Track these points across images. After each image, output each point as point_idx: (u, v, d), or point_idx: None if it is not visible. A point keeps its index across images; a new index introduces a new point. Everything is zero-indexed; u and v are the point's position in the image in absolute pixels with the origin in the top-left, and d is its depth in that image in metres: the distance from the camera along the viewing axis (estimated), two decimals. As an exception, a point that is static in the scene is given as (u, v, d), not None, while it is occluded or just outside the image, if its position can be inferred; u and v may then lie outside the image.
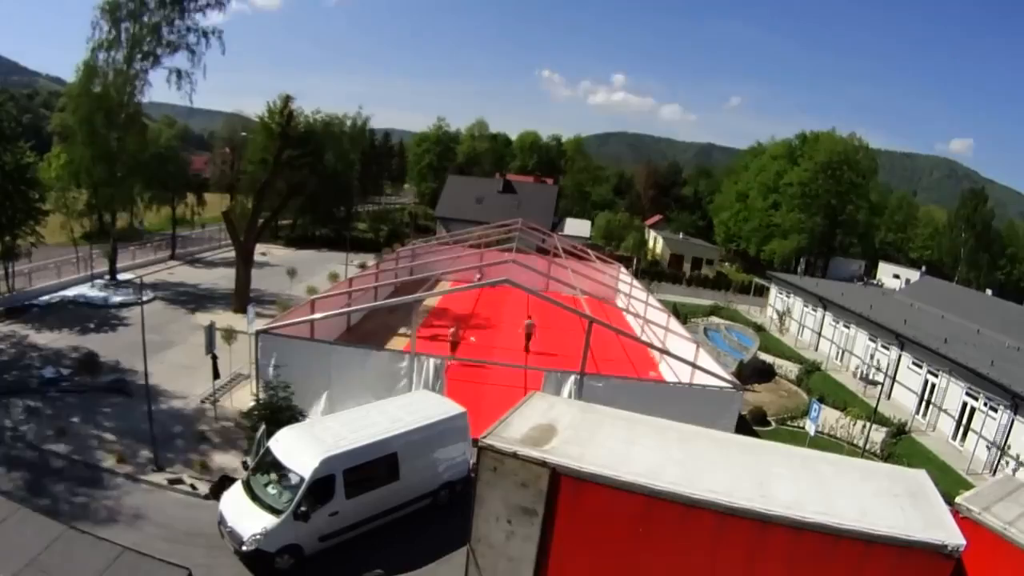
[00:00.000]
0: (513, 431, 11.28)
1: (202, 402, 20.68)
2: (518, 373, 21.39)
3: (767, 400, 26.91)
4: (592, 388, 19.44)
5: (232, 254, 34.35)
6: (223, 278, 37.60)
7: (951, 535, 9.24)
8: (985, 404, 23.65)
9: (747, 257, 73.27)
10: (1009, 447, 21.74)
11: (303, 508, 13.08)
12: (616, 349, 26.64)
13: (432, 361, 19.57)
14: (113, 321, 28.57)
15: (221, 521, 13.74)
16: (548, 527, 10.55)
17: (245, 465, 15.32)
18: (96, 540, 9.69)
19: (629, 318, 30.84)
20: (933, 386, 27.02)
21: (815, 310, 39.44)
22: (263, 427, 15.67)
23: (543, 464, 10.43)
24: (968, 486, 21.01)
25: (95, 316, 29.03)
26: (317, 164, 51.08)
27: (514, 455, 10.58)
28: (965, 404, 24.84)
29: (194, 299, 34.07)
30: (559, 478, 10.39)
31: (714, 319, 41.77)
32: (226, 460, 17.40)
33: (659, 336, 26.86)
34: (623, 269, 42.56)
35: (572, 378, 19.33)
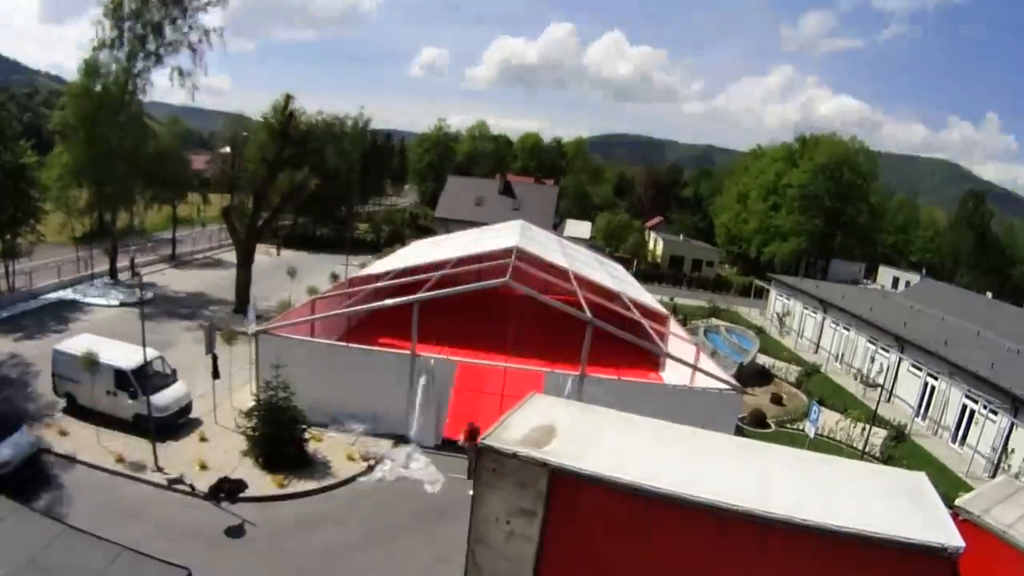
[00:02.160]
0: (512, 432, 11.27)
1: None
2: (518, 374, 21.35)
3: (766, 403, 26.92)
4: (592, 390, 19.45)
5: (229, 255, 34.37)
6: (223, 278, 37.60)
7: (950, 537, 9.23)
8: (985, 407, 23.63)
9: (747, 260, 73.20)
10: (1012, 451, 21.70)
11: None
12: (616, 350, 26.58)
13: (432, 361, 19.61)
14: (97, 322, 28.49)
15: None
16: (547, 528, 10.56)
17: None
18: (95, 539, 9.68)
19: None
20: (933, 389, 27.00)
21: (815, 312, 39.43)
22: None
23: (543, 465, 10.42)
24: (968, 489, 20.99)
25: (77, 318, 28.78)
26: (318, 164, 51.07)
27: (514, 456, 10.58)
28: (965, 407, 24.81)
29: (193, 299, 34.11)
30: (558, 479, 10.40)
31: (714, 321, 41.78)
32: (225, 460, 17.41)
33: (659, 338, 26.80)
34: (623, 270, 42.54)
35: (572, 379, 19.36)
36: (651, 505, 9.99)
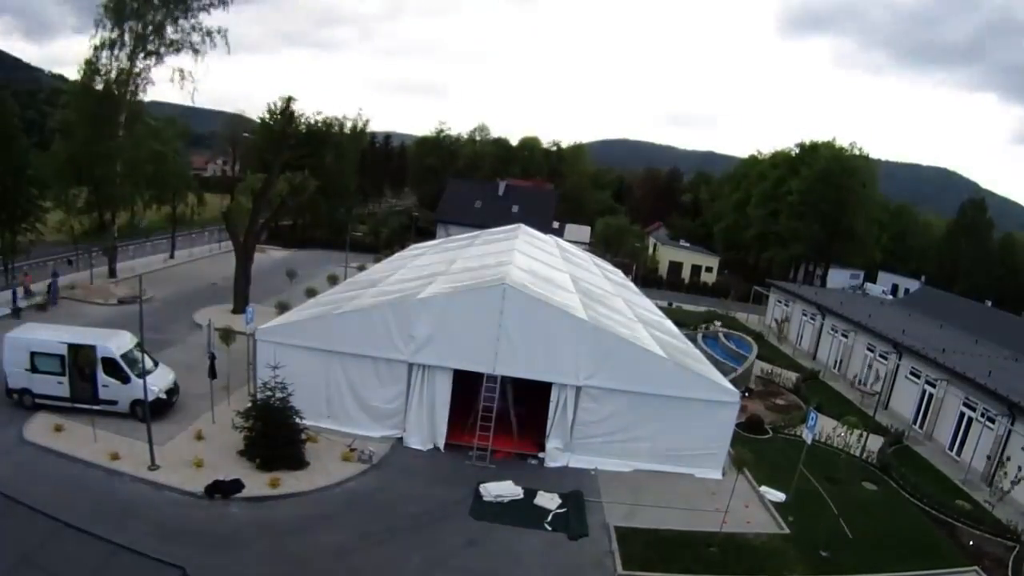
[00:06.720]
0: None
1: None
2: (516, 380, 21.16)
3: (763, 409, 26.89)
4: (590, 395, 19.43)
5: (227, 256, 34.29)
6: (222, 279, 37.53)
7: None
8: (982, 415, 23.61)
9: (745, 266, 73.08)
10: (1008, 458, 21.67)
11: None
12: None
13: (428, 365, 19.56)
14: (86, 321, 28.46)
15: None
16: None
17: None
18: (90, 537, 9.62)
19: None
20: (931, 396, 26.99)
21: (813, 318, 39.46)
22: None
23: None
24: (964, 496, 20.99)
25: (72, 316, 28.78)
26: (317, 165, 51.13)
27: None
28: (962, 415, 24.79)
29: (191, 299, 34.04)
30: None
31: (712, 326, 41.75)
32: (221, 460, 17.37)
33: (657, 342, 26.76)
34: (622, 275, 42.50)
35: (570, 384, 19.35)
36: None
